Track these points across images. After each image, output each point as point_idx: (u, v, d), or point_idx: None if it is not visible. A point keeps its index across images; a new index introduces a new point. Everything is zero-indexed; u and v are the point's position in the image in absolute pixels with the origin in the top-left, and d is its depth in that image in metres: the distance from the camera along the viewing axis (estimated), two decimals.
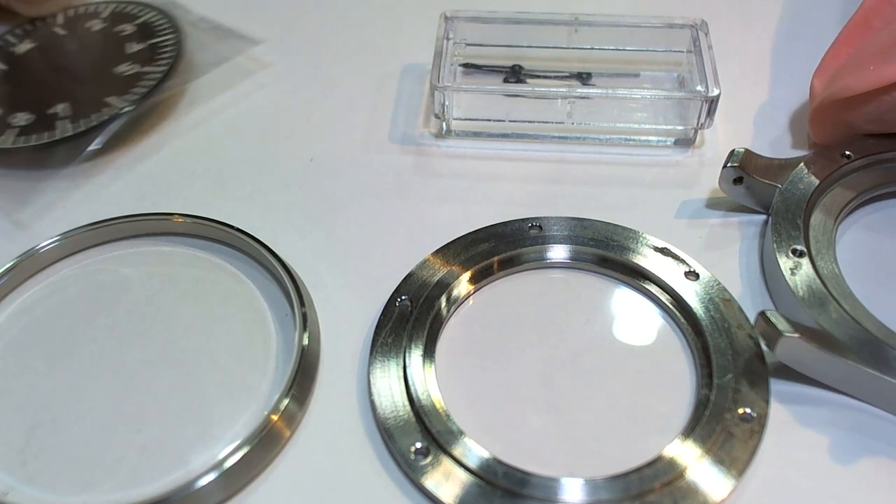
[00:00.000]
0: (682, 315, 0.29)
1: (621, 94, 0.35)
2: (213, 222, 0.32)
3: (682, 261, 0.30)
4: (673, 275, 0.30)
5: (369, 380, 0.27)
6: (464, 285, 0.30)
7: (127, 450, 0.26)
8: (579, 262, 0.31)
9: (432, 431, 0.26)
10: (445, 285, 0.30)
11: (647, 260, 0.30)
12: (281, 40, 0.42)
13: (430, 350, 0.28)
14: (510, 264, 0.31)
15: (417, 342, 0.28)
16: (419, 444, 0.26)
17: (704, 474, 0.25)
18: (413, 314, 0.29)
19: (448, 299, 0.30)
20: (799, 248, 0.29)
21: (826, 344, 0.26)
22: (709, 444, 0.25)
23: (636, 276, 0.30)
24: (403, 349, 0.28)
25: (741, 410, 0.26)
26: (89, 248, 0.32)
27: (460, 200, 0.34)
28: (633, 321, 0.30)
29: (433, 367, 0.28)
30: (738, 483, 0.25)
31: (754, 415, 0.26)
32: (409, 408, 0.27)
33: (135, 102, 0.36)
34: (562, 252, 0.31)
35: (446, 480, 0.25)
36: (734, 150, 0.32)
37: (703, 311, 0.29)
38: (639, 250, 0.31)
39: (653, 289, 0.30)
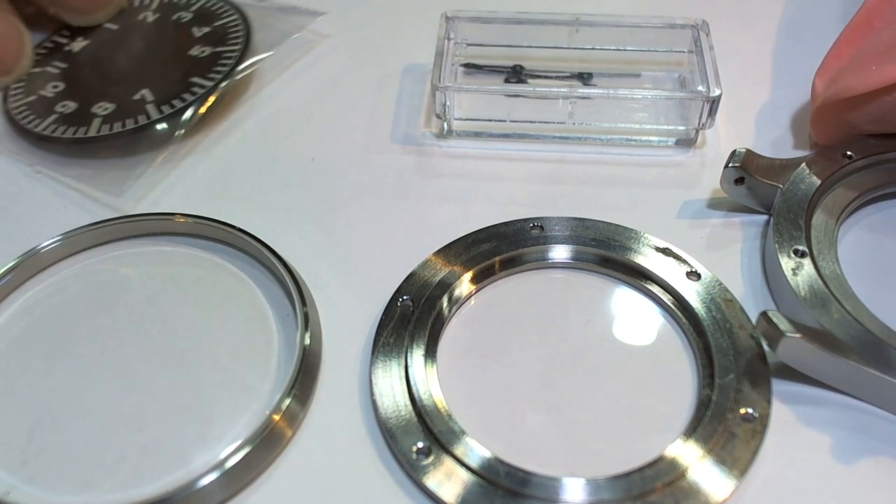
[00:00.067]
0: (684, 315, 0.29)
1: (622, 94, 0.35)
2: (215, 222, 0.32)
3: (684, 261, 0.30)
4: (674, 275, 0.30)
5: (371, 379, 0.27)
6: (465, 285, 0.30)
7: (128, 449, 0.26)
8: (581, 263, 0.31)
9: (434, 431, 0.26)
10: (447, 285, 0.30)
11: (649, 260, 0.30)
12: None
13: (431, 350, 0.28)
14: (512, 264, 0.31)
15: (419, 342, 0.28)
16: (421, 444, 0.26)
17: (706, 474, 0.25)
18: (415, 314, 0.29)
19: (450, 299, 0.30)
20: (801, 248, 0.29)
21: (828, 344, 0.26)
22: (710, 444, 0.25)
23: (638, 277, 0.30)
24: (405, 349, 0.28)
25: (743, 410, 0.26)
26: (90, 247, 0.32)
27: (461, 200, 0.34)
28: (634, 321, 0.30)
29: (435, 366, 0.28)
30: (740, 483, 0.25)
31: (756, 415, 0.26)
32: (410, 407, 0.27)
33: (222, 80, 0.37)
34: (563, 252, 0.31)
35: (448, 480, 0.25)
36: (735, 150, 0.32)
37: (705, 311, 0.29)
38: (640, 250, 0.31)
39: (654, 289, 0.30)
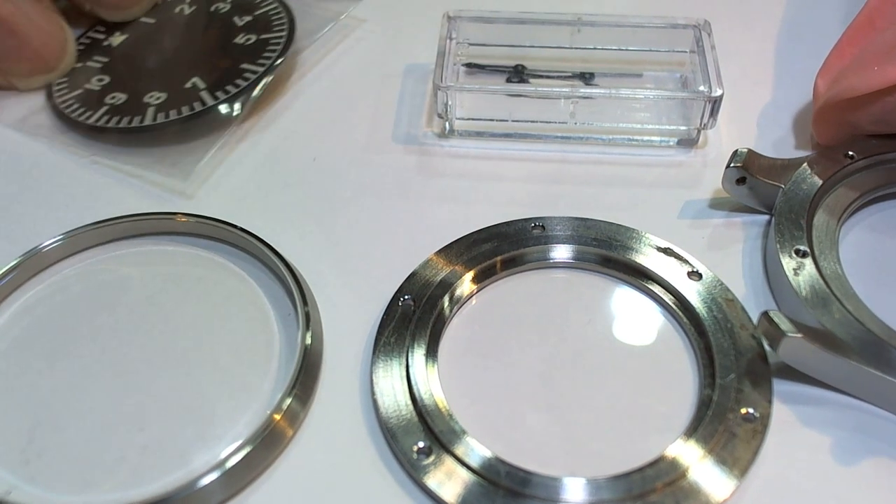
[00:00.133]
0: (685, 315, 0.29)
1: (624, 94, 0.35)
2: (216, 221, 0.32)
3: (685, 261, 0.30)
4: (676, 275, 0.30)
5: (372, 379, 0.27)
6: (467, 285, 0.30)
7: (129, 449, 0.26)
8: (582, 262, 0.31)
9: (435, 431, 0.26)
10: (448, 285, 0.30)
11: (650, 260, 0.30)
12: None
13: (432, 350, 0.28)
14: (513, 264, 0.31)
15: (420, 342, 0.28)
16: (421, 444, 0.26)
17: (707, 474, 0.25)
18: (416, 314, 0.29)
19: (451, 299, 0.30)
20: (802, 248, 0.29)
21: (829, 344, 0.26)
22: (711, 444, 0.25)
23: (639, 276, 0.30)
24: (406, 349, 0.28)
25: (744, 410, 0.26)
26: (92, 247, 0.32)
27: (463, 200, 0.34)
28: (635, 321, 0.30)
29: (436, 366, 0.28)
30: (741, 483, 0.25)
31: (757, 415, 0.26)
32: (411, 407, 0.27)
33: (272, 65, 0.37)
34: (565, 252, 0.31)
35: (448, 480, 0.25)
36: (737, 150, 0.32)
37: (706, 311, 0.29)
38: (641, 250, 0.31)
39: (655, 289, 0.30)
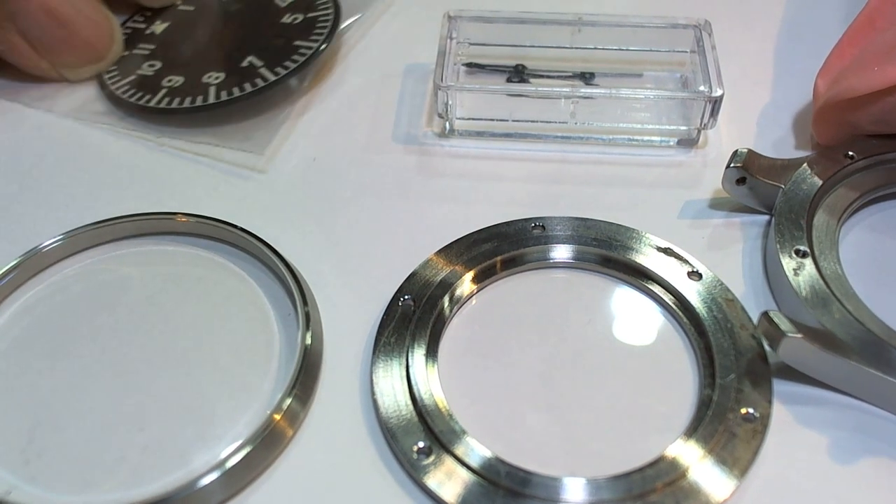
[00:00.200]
0: (685, 315, 0.29)
1: (624, 94, 0.35)
2: (216, 221, 0.32)
3: (685, 261, 0.30)
4: (676, 275, 0.30)
5: (372, 379, 0.27)
6: (467, 285, 0.30)
7: (128, 449, 0.26)
8: (582, 262, 0.31)
9: (435, 431, 0.26)
10: (448, 285, 0.30)
11: (650, 260, 0.30)
12: None
13: (432, 350, 0.28)
14: (513, 264, 0.31)
15: (420, 342, 0.28)
16: (421, 444, 0.26)
17: (707, 474, 0.25)
18: (416, 314, 0.29)
19: (451, 299, 0.30)
20: (802, 248, 0.29)
21: (829, 344, 0.26)
22: (711, 444, 0.25)
23: (639, 276, 0.30)
24: (406, 349, 0.28)
25: (744, 410, 0.26)
26: (92, 247, 0.32)
27: (463, 200, 0.34)
28: (635, 321, 0.30)
29: (436, 366, 0.28)
30: (741, 483, 0.25)
31: (757, 415, 0.26)
32: (411, 407, 0.27)
33: (325, 40, 0.38)
34: (565, 252, 0.31)
35: (448, 480, 0.25)
36: (737, 150, 0.32)
37: (706, 311, 0.29)
38: (641, 250, 0.31)
39: (655, 289, 0.30)
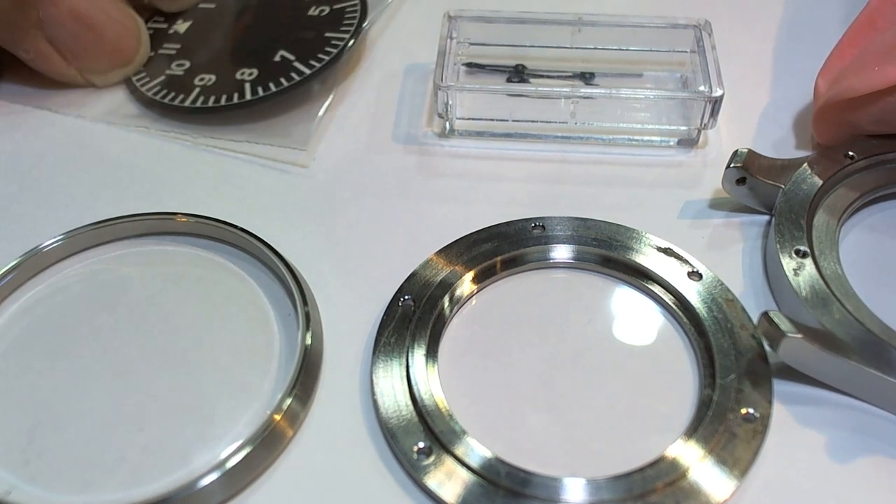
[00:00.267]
0: (685, 315, 0.29)
1: (624, 94, 0.35)
2: (216, 221, 0.32)
3: (685, 261, 0.30)
4: (676, 275, 0.30)
5: (372, 379, 0.27)
6: (467, 285, 0.30)
7: (129, 449, 0.26)
8: (582, 263, 0.31)
9: (435, 431, 0.26)
10: (448, 285, 0.30)
11: (650, 260, 0.30)
12: None
13: (432, 350, 0.28)
14: (513, 264, 0.31)
15: (420, 342, 0.28)
16: (421, 444, 0.26)
17: (707, 475, 0.25)
18: (416, 314, 0.29)
19: (451, 299, 0.30)
20: (802, 248, 0.29)
21: (829, 344, 0.26)
22: (711, 444, 0.25)
23: (639, 277, 0.30)
24: (406, 349, 0.28)
25: (744, 411, 0.26)
26: (92, 247, 0.32)
27: (463, 200, 0.34)
28: (635, 321, 0.30)
29: (436, 366, 0.28)
30: (741, 483, 0.25)
31: (757, 415, 0.26)
32: (411, 407, 0.27)
33: (356, 31, 0.38)
34: (565, 252, 0.31)
35: (449, 480, 0.25)
36: (737, 150, 0.32)
37: (706, 311, 0.29)
38: (641, 250, 0.31)
39: (655, 289, 0.30)
